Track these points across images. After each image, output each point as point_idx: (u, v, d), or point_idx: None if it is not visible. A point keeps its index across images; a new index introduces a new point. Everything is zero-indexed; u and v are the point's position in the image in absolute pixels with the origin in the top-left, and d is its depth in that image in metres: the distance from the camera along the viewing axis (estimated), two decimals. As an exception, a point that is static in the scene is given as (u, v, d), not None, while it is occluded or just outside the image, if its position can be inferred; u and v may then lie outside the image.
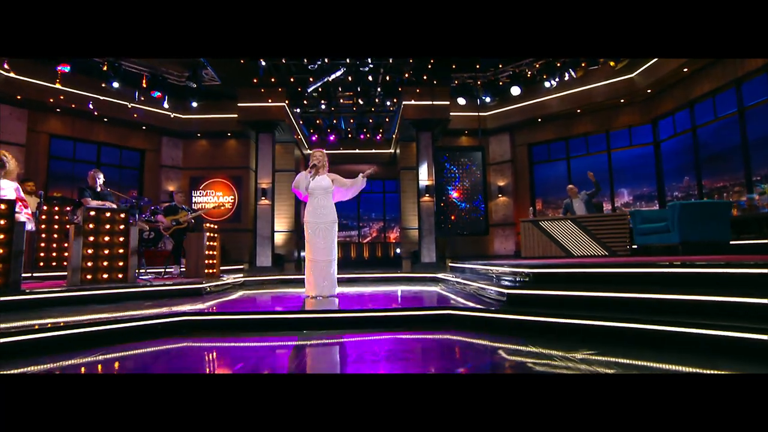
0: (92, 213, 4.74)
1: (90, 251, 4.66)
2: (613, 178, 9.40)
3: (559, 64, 8.33)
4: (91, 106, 8.48)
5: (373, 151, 12.46)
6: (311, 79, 8.53)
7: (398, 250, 13.49)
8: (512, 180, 10.76)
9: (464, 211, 9.69)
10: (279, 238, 10.64)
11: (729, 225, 5.57)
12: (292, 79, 8.82)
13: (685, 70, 7.37)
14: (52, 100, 8.28)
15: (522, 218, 7.46)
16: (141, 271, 5.94)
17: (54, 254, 6.69)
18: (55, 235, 6.70)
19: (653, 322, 2.59)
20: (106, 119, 9.19)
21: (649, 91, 8.35)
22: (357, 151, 12.90)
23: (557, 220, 6.97)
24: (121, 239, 4.92)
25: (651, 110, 8.74)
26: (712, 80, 7.15)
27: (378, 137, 12.00)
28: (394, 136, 11.93)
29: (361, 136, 11.86)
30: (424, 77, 9.03)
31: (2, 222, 3.93)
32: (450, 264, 7.37)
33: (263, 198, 9.85)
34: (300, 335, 3.35)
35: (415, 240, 10.82)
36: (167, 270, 6.77)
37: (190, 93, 9.67)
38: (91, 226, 4.70)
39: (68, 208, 6.73)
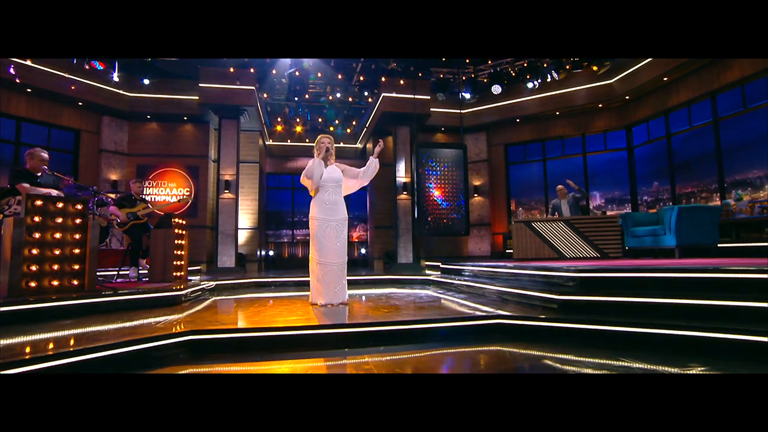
0: (38, 203, 3.70)
1: (35, 251, 3.63)
2: (588, 181, 9.66)
3: (546, 65, 8.33)
4: (12, 71, 6.89)
5: (342, 145, 11.79)
6: (289, 62, 7.72)
7: (363, 250, 12.96)
8: (488, 180, 10.71)
9: (445, 210, 9.41)
10: (241, 236, 9.62)
11: (718, 229, 5.79)
12: (268, 60, 7.92)
13: (665, 79, 7.69)
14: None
15: (514, 219, 7.30)
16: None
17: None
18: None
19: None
20: (29, 89, 7.58)
21: (627, 97, 8.64)
22: (325, 144, 12.13)
23: (549, 221, 6.89)
24: (77, 236, 3.92)
25: (626, 116, 9.07)
26: (689, 90, 7.52)
27: (348, 130, 11.37)
28: (365, 129, 11.37)
29: (331, 128, 11.14)
30: (411, 68, 8.60)
31: None
32: (441, 266, 7.01)
33: (226, 191, 8.81)
34: (342, 354, 2.77)
35: (389, 239, 10.37)
36: (121, 273, 5.68)
37: (140, 68, 8.36)
38: (36, 219, 3.66)
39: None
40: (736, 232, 6.45)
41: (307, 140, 11.81)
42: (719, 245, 5.91)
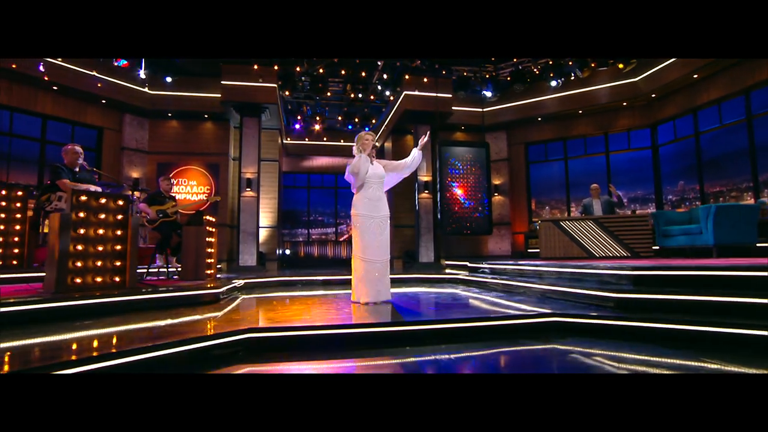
0: (83, 198, 3.65)
1: (80, 247, 3.58)
2: (611, 180, 9.54)
3: (571, 62, 8.23)
4: (42, 69, 6.88)
5: (359, 143, 11.72)
6: (315, 58, 7.66)
7: (378, 249, 12.87)
8: (508, 179, 10.62)
9: (468, 209, 9.33)
10: (260, 235, 9.58)
11: (756, 228, 5.69)
12: (293, 58, 7.87)
13: (695, 76, 7.57)
14: (-15, 59, 6.61)
15: (542, 219, 7.22)
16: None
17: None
18: (1, 227, 5.26)
19: None
20: (56, 87, 7.58)
21: (653, 95, 8.53)
22: (342, 143, 12.09)
23: (578, 220, 6.80)
24: (119, 232, 3.87)
25: (651, 114, 8.96)
26: (720, 88, 7.40)
27: (367, 128, 11.30)
28: (383, 127, 11.30)
29: (349, 127, 11.08)
30: (436, 66, 8.53)
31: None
32: (469, 265, 6.93)
33: (248, 189, 8.76)
34: (405, 352, 2.70)
35: (409, 239, 10.31)
36: (151, 270, 5.63)
37: (162, 65, 8.34)
38: (81, 215, 3.62)
39: (19, 193, 5.33)
40: (773, 231, 6.33)
41: (324, 139, 11.77)
42: (758, 245, 5.79)
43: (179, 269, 5.73)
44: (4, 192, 5.22)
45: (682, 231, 6.10)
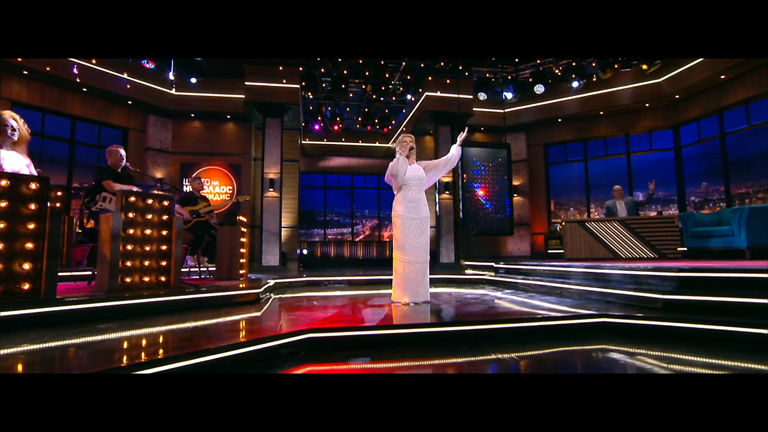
0: (132, 199, 3.72)
1: (129, 247, 3.64)
2: (632, 181, 9.52)
3: (594, 63, 8.22)
4: (75, 71, 6.99)
5: (377, 144, 11.78)
6: (340, 59, 7.71)
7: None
8: (527, 180, 10.62)
9: (489, 210, 9.34)
10: (282, 234, 9.65)
11: (789, 230, 5.65)
12: (318, 59, 7.91)
13: (723, 77, 7.54)
14: (20, 60, 6.71)
15: (565, 220, 7.21)
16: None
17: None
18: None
19: None
20: (85, 89, 7.69)
21: (677, 96, 8.50)
22: (360, 143, 12.13)
23: (604, 221, 6.79)
24: (165, 232, 3.94)
25: (674, 116, 8.92)
26: (748, 88, 7.36)
27: (386, 129, 11.34)
28: (401, 128, 11.33)
29: (368, 128, 11.12)
30: (460, 67, 8.56)
31: (33, 206, 2.89)
32: (495, 265, 6.93)
33: (270, 189, 8.83)
34: (462, 352, 2.73)
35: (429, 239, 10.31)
36: (182, 269, 5.69)
37: (186, 66, 8.43)
38: (130, 215, 3.68)
39: (59, 193, 5.43)
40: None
41: (343, 139, 11.82)
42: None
43: (210, 269, 5.81)
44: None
45: (713, 233, 6.08)
